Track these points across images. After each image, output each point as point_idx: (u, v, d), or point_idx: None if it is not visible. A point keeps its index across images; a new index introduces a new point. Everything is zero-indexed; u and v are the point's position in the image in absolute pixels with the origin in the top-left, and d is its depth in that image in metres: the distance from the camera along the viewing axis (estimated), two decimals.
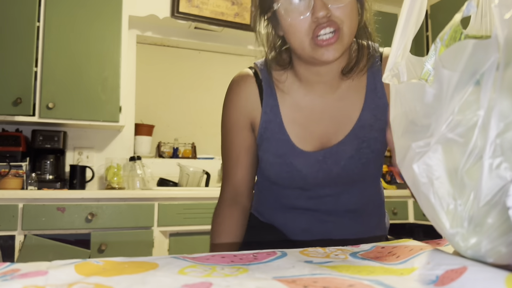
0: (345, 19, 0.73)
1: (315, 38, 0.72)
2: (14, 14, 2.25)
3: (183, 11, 2.69)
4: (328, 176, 0.84)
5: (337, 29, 0.72)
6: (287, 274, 0.40)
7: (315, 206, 0.88)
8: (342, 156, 0.83)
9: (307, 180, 0.84)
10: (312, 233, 0.89)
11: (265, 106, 0.85)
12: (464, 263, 0.37)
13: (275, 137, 0.84)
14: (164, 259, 0.43)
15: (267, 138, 0.85)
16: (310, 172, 0.83)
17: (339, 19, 0.73)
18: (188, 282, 0.36)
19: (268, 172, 0.88)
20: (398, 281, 0.39)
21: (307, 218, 0.89)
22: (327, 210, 0.88)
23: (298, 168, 0.83)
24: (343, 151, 0.83)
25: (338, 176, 0.84)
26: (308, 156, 0.83)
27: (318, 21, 0.71)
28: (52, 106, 2.27)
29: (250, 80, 0.87)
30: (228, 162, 0.91)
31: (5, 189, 2.11)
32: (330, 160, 0.83)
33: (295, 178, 0.84)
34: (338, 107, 0.84)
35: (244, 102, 0.87)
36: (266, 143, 0.86)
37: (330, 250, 0.50)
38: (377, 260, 0.46)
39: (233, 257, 0.47)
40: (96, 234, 2.05)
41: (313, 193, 0.87)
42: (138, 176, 2.56)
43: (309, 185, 0.86)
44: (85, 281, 0.36)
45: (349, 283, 0.36)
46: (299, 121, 0.85)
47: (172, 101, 3.12)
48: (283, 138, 0.84)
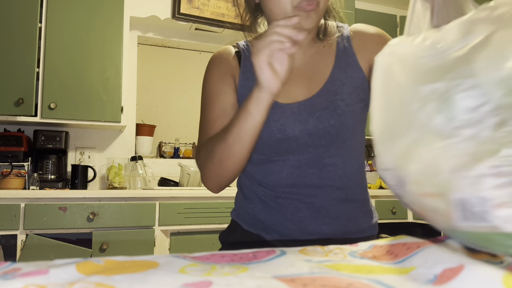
0: None
1: (300, 6, 0.78)
2: (16, 15, 2.25)
3: (184, 12, 2.69)
4: (305, 128, 0.85)
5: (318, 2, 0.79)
6: (286, 273, 0.40)
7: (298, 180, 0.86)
8: (317, 108, 0.85)
9: (285, 132, 0.84)
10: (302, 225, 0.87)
11: (243, 67, 0.92)
12: (461, 261, 0.38)
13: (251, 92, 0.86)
14: (164, 258, 0.44)
15: (245, 95, 0.88)
16: (288, 122, 0.85)
17: None
18: (188, 281, 0.36)
19: None
20: (396, 280, 0.39)
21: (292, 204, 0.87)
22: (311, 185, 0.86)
23: (275, 118, 0.85)
24: (317, 103, 0.86)
25: (315, 129, 0.85)
26: (283, 108, 0.86)
27: None
28: (54, 107, 2.28)
29: (230, 49, 0.96)
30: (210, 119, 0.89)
31: (7, 189, 2.12)
32: (305, 112, 0.86)
33: (272, 129, 0.84)
34: (309, 67, 0.90)
35: (225, 63, 0.93)
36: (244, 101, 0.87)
37: (328, 249, 0.51)
38: (375, 259, 0.47)
39: (233, 256, 0.47)
40: (97, 234, 2.05)
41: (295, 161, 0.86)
42: (140, 176, 2.56)
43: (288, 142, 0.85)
44: (86, 280, 0.36)
45: (348, 282, 0.37)
46: None
47: (173, 101, 3.13)
48: None
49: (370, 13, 3.18)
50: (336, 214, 0.87)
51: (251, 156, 0.90)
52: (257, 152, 0.88)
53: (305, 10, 0.78)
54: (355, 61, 0.89)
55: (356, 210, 0.91)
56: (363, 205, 0.94)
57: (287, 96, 0.87)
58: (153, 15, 2.67)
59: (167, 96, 3.14)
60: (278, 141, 0.85)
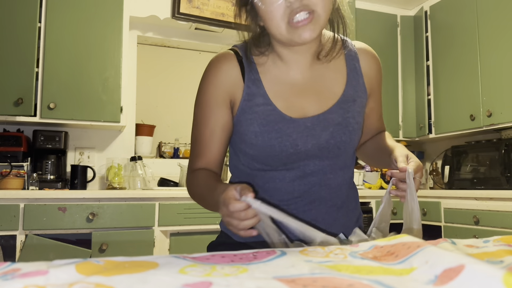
0: (317, 2, 0.77)
1: (291, 22, 0.77)
2: (15, 15, 2.25)
3: (183, 12, 2.69)
4: (317, 142, 0.85)
5: (311, 11, 0.77)
6: (286, 274, 0.40)
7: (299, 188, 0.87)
8: (330, 123, 0.86)
9: (297, 146, 0.84)
10: None
11: (247, 81, 0.87)
12: (461, 261, 0.38)
13: (260, 108, 0.85)
14: (164, 259, 0.44)
15: (251, 109, 0.86)
16: (300, 137, 0.84)
17: (312, 2, 0.77)
18: (188, 282, 0.36)
19: (253, 146, 0.86)
20: (397, 281, 0.39)
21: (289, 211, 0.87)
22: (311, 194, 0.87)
23: (288, 133, 0.84)
24: (330, 118, 0.86)
25: (326, 143, 0.86)
26: (297, 122, 0.85)
27: (291, 6, 0.76)
28: (53, 107, 2.27)
29: (231, 58, 0.89)
30: (201, 138, 0.90)
31: (6, 189, 2.11)
32: (319, 127, 0.86)
33: (285, 144, 0.84)
34: (319, 83, 0.89)
35: (225, 78, 0.88)
36: (250, 115, 0.86)
37: (329, 250, 0.50)
38: (376, 260, 0.47)
39: (233, 256, 0.47)
40: (97, 234, 2.05)
41: (299, 171, 0.86)
42: (139, 176, 2.56)
43: (298, 155, 0.85)
44: (86, 280, 0.36)
45: (348, 282, 0.36)
46: (282, 94, 0.87)
47: (173, 101, 3.12)
48: (269, 108, 0.85)
49: (370, 13, 3.18)
50: (331, 221, 0.89)
51: (253, 165, 0.90)
52: (261, 162, 0.88)
53: (297, 26, 0.77)
54: (363, 82, 0.92)
55: (350, 214, 0.94)
56: (355, 210, 0.97)
57: (299, 111, 0.86)
58: (153, 14, 2.67)
59: (167, 96, 3.14)
60: (289, 155, 0.85)
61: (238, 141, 0.90)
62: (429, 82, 3.08)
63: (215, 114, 0.88)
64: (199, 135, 0.90)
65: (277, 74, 0.89)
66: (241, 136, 0.88)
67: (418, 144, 3.44)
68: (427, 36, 3.12)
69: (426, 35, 3.12)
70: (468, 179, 2.69)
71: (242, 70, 0.88)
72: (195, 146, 0.91)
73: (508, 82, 2.49)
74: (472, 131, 2.74)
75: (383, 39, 3.21)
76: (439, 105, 2.98)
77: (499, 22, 2.56)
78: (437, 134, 2.99)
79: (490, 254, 0.52)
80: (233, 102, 0.88)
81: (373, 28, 3.17)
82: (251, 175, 0.91)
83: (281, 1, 0.76)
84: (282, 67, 0.89)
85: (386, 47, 3.20)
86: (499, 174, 2.47)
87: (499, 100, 2.54)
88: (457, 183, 2.76)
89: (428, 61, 3.09)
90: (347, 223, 0.92)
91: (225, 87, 0.88)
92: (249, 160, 0.90)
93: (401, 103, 3.22)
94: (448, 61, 2.92)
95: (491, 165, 2.57)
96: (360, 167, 2.99)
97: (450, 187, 2.79)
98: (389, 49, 3.21)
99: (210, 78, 0.89)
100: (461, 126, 2.79)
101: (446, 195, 2.54)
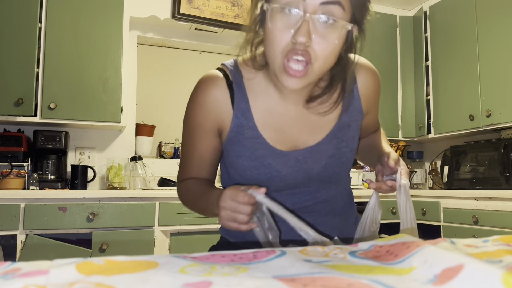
0: (320, 57, 0.71)
1: (286, 62, 0.71)
2: (16, 15, 2.25)
3: (183, 12, 2.69)
4: (308, 175, 0.83)
5: (308, 62, 0.71)
6: (286, 273, 0.40)
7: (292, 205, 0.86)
8: (323, 156, 0.82)
9: (286, 181, 0.82)
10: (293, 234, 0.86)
11: (237, 110, 0.81)
12: (460, 260, 0.38)
13: (248, 140, 0.81)
14: (164, 258, 0.44)
15: (239, 142, 0.82)
16: (290, 172, 0.81)
17: (314, 54, 0.71)
18: (188, 281, 0.36)
19: (241, 178, 0.84)
20: (397, 280, 0.39)
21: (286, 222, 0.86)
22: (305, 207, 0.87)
23: (277, 169, 0.81)
24: (323, 150, 0.82)
25: (317, 176, 0.83)
26: (288, 156, 0.81)
27: (295, 45, 0.69)
28: (54, 107, 2.27)
29: (220, 82, 0.82)
30: (191, 160, 0.88)
31: (7, 189, 2.11)
32: (311, 159, 0.82)
33: (274, 179, 0.81)
34: (313, 113, 0.84)
35: (212, 106, 0.82)
36: (239, 147, 0.82)
37: (329, 249, 0.51)
38: (375, 259, 0.47)
39: (233, 256, 0.47)
40: (97, 234, 2.05)
41: (289, 193, 0.85)
42: (139, 176, 2.56)
43: (287, 186, 0.83)
44: (86, 280, 0.36)
45: (348, 282, 0.37)
46: (273, 125, 0.82)
47: (173, 101, 3.12)
48: (258, 141, 0.81)
49: None
50: (328, 228, 0.89)
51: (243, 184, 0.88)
52: None
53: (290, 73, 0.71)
54: (359, 105, 0.87)
55: (347, 220, 0.94)
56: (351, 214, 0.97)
57: (290, 143, 0.82)
58: (153, 15, 2.67)
59: (167, 96, 3.14)
60: (278, 187, 0.84)
61: (228, 163, 0.88)
62: (428, 82, 3.08)
63: (203, 140, 0.85)
64: (188, 157, 0.89)
65: (268, 103, 0.83)
66: (231, 163, 0.86)
67: (417, 144, 3.44)
68: (426, 37, 3.12)
69: (425, 35, 3.12)
70: (467, 179, 2.69)
71: (232, 96, 0.82)
72: (185, 163, 0.91)
73: (507, 82, 2.49)
74: (471, 131, 2.74)
75: (383, 40, 3.21)
76: (438, 105, 2.98)
77: (498, 23, 2.56)
78: (436, 134, 2.99)
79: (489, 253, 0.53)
80: (221, 130, 0.85)
81: (373, 28, 3.16)
82: None
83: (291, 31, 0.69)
84: (274, 95, 0.83)
85: (385, 48, 3.20)
86: (498, 174, 2.47)
87: (498, 100, 2.54)
88: (456, 183, 2.76)
89: (428, 61, 3.09)
90: (343, 228, 0.92)
91: (213, 116, 0.83)
92: (239, 181, 0.87)
93: (400, 103, 3.22)
94: (447, 61, 2.92)
95: (490, 165, 2.57)
96: (359, 167, 2.99)
97: (449, 187, 2.79)
98: (388, 49, 3.21)
99: (198, 104, 0.84)
100: (460, 126, 2.79)
101: (445, 195, 2.54)
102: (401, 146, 3.21)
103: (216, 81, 0.83)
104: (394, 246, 0.49)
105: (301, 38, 0.68)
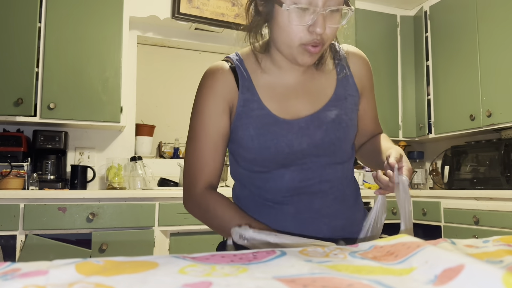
0: (330, 38, 0.84)
1: (304, 47, 0.82)
2: (15, 15, 2.25)
3: (183, 12, 2.69)
4: (312, 141, 0.88)
5: (323, 44, 0.84)
6: (286, 274, 0.40)
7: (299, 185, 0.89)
8: (323, 121, 0.90)
9: (292, 147, 0.87)
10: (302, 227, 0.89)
11: (242, 87, 0.91)
12: (461, 260, 0.38)
13: (254, 112, 0.89)
14: (164, 259, 0.44)
15: (246, 114, 0.89)
16: (295, 138, 0.87)
17: (327, 37, 0.83)
18: (188, 282, 0.36)
19: (250, 149, 0.88)
20: (397, 281, 0.39)
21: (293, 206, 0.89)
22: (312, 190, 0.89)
23: (282, 134, 0.87)
24: (323, 117, 0.90)
25: (321, 141, 0.89)
26: (291, 124, 0.88)
27: (313, 36, 0.81)
28: (53, 107, 2.27)
29: (225, 67, 0.93)
30: (204, 150, 0.91)
31: (6, 189, 2.11)
32: (312, 125, 0.89)
33: (280, 146, 0.86)
34: (311, 85, 0.94)
35: (221, 87, 0.91)
36: (246, 120, 0.89)
37: (329, 250, 0.51)
38: (376, 260, 0.47)
39: (232, 256, 0.47)
40: (97, 234, 2.05)
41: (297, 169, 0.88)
42: (139, 176, 2.56)
43: (294, 156, 0.88)
44: (86, 280, 0.36)
45: (348, 282, 0.36)
46: (275, 97, 0.91)
47: (173, 101, 3.12)
48: (263, 112, 0.89)
49: (370, 13, 3.19)
50: (335, 214, 0.91)
51: (251, 168, 0.92)
52: (259, 165, 0.90)
53: (309, 51, 0.83)
54: (353, 82, 0.97)
55: (353, 209, 0.96)
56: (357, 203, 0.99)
57: (292, 113, 0.90)
58: (153, 15, 2.67)
59: (167, 96, 3.14)
60: (285, 156, 0.88)
61: (236, 147, 0.93)
62: (429, 82, 3.08)
63: (216, 124, 0.90)
64: (201, 148, 0.91)
65: (270, 79, 0.92)
66: (239, 142, 0.91)
67: (418, 144, 3.44)
68: (427, 36, 3.12)
69: (426, 35, 3.12)
70: (468, 179, 2.69)
71: (236, 78, 0.91)
72: (197, 159, 0.91)
73: (507, 82, 2.49)
74: (472, 131, 2.74)
75: (383, 39, 3.21)
76: (439, 105, 2.98)
77: (499, 22, 2.56)
78: (437, 134, 2.99)
79: (489, 254, 0.53)
80: (231, 109, 0.91)
81: (373, 28, 3.17)
82: (251, 177, 0.93)
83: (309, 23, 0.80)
84: (275, 72, 0.93)
85: (386, 47, 3.20)
86: (499, 174, 2.47)
87: (499, 100, 2.54)
88: (457, 183, 2.76)
89: (428, 61, 3.09)
90: (351, 216, 0.94)
91: (223, 95, 0.90)
92: (247, 164, 0.92)
93: (400, 103, 3.22)
94: (448, 61, 2.92)
95: (491, 165, 2.57)
96: (360, 167, 2.99)
97: (450, 187, 2.79)
98: (389, 49, 3.21)
99: (208, 88, 0.92)
100: (461, 126, 2.79)
101: (446, 195, 2.54)
102: (402, 146, 3.21)
103: (221, 67, 0.93)
104: (394, 246, 0.49)
105: (319, 30, 0.79)
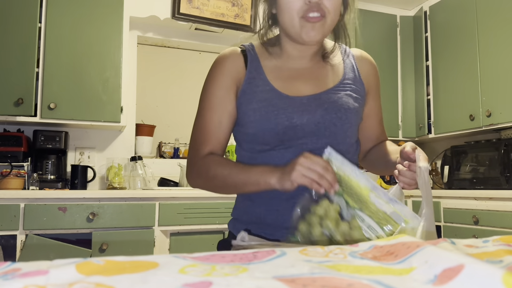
0: (331, 10, 0.87)
1: (305, 16, 0.86)
2: (16, 15, 2.25)
3: (183, 12, 2.69)
4: (312, 117, 0.90)
5: (323, 15, 0.86)
6: (286, 273, 0.40)
7: None
8: (325, 101, 0.93)
9: (293, 119, 0.89)
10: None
11: (250, 67, 0.95)
12: (460, 260, 0.38)
13: (259, 88, 0.93)
14: (164, 258, 0.44)
15: (251, 90, 0.93)
16: (296, 111, 0.90)
17: (326, 9, 0.86)
18: (188, 281, 0.36)
19: (251, 123, 0.91)
20: (397, 281, 0.39)
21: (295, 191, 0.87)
22: None
23: (283, 107, 0.89)
24: (326, 97, 0.93)
25: (322, 118, 0.90)
26: (293, 99, 0.91)
27: (310, 4, 0.85)
28: (54, 107, 2.27)
29: (235, 50, 0.98)
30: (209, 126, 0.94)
31: (6, 189, 2.11)
32: (314, 103, 0.91)
33: (281, 117, 0.89)
34: (318, 72, 0.97)
35: (231, 65, 0.95)
36: (250, 95, 0.93)
37: (329, 249, 0.51)
38: (376, 259, 0.47)
39: (233, 256, 0.47)
40: (97, 234, 2.05)
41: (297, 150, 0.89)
42: (139, 176, 2.56)
43: (295, 132, 0.89)
44: (86, 280, 0.36)
45: (348, 282, 0.37)
46: (281, 78, 0.95)
47: (173, 101, 3.12)
48: (267, 88, 0.93)
49: (370, 13, 3.19)
50: None
51: (253, 147, 0.94)
52: (260, 142, 0.92)
53: (310, 21, 0.86)
54: (360, 77, 1.00)
55: None
56: None
57: (296, 91, 0.93)
58: (153, 15, 2.67)
59: (167, 96, 3.14)
60: (285, 129, 0.89)
61: (239, 128, 0.96)
62: (428, 82, 3.08)
63: (223, 102, 0.94)
64: (206, 123, 0.95)
65: (278, 63, 0.97)
66: (242, 118, 0.94)
67: (418, 144, 3.43)
68: (426, 36, 3.12)
69: (425, 35, 3.12)
70: (467, 179, 2.69)
71: (246, 61, 0.96)
72: (201, 133, 0.95)
73: (507, 82, 2.49)
74: (471, 131, 2.74)
75: (383, 39, 3.21)
76: (438, 105, 2.98)
77: (499, 22, 2.56)
78: (436, 134, 2.99)
79: (489, 254, 0.53)
80: (238, 87, 0.95)
81: (373, 28, 3.17)
82: (253, 158, 0.95)
83: None
84: (284, 58, 0.97)
85: (385, 47, 3.20)
86: (499, 174, 2.47)
87: (499, 100, 2.54)
88: (456, 183, 2.76)
89: (428, 61, 3.09)
90: None
91: (232, 74, 0.95)
92: (249, 145, 0.94)
93: (400, 103, 3.22)
94: (447, 61, 2.92)
95: (490, 165, 2.57)
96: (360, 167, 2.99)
97: (450, 187, 2.79)
98: (388, 49, 3.21)
99: (218, 68, 0.96)
100: (460, 126, 2.79)
101: (446, 195, 2.54)
102: None
103: (234, 49, 0.98)
104: (394, 246, 0.49)
105: None
